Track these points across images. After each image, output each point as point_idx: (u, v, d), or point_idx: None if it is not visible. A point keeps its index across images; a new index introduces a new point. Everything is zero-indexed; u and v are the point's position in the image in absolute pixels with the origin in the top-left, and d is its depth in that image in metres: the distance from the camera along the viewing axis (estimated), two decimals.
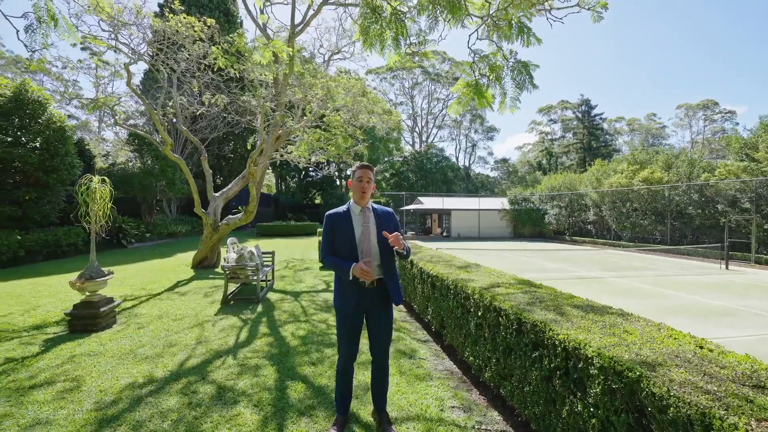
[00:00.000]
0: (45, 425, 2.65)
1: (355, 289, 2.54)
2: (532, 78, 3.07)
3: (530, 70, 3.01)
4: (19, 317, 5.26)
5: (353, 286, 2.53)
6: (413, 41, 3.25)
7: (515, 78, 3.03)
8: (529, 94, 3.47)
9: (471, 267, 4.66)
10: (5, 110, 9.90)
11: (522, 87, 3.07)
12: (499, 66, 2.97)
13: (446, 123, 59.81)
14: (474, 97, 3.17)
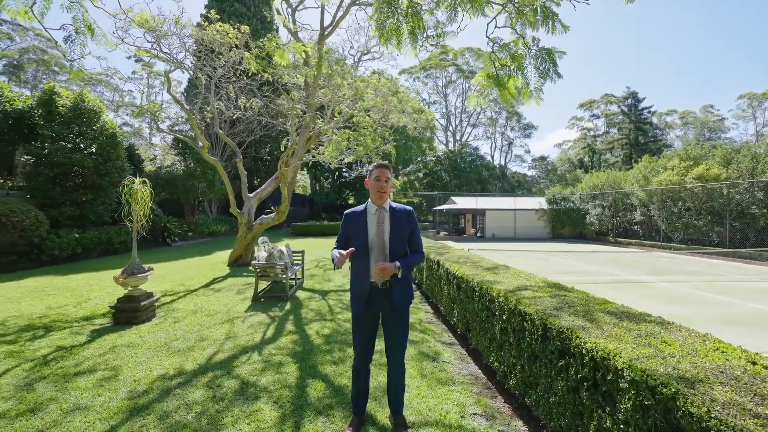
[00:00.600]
0: (83, 410, 2.83)
1: (365, 289, 2.50)
2: (557, 66, 2.85)
3: (555, 57, 2.80)
4: (72, 309, 5.70)
5: (363, 286, 2.50)
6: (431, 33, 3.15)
7: (538, 67, 2.83)
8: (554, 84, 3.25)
9: (499, 268, 4.48)
10: (66, 119, 10.83)
11: (546, 76, 2.86)
12: (521, 55, 2.78)
13: (481, 121, 58.49)
14: (495, 89, 3.01)
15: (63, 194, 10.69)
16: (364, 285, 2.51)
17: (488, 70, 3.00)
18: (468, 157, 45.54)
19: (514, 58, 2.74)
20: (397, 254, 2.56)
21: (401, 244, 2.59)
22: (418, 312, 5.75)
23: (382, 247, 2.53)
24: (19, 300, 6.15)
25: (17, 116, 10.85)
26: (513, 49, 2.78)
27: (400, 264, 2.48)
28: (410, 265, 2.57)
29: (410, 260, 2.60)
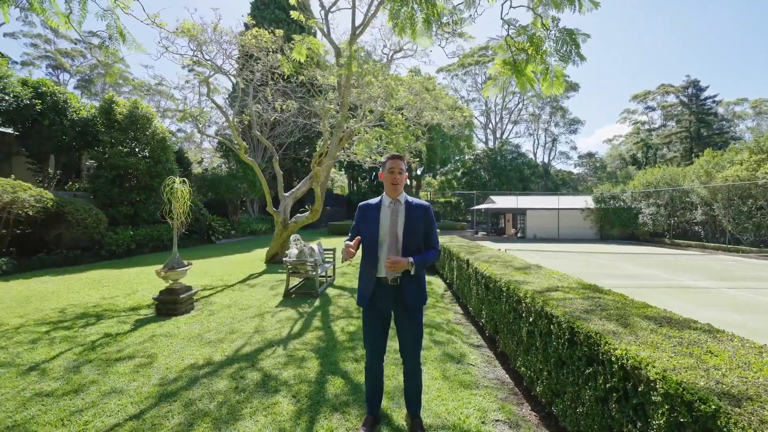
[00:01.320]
0: (118, 393, 3.01)
1: (371, 284, 2.42)
2: (579, 47, 2.56)
3: (577, 39, 2.52)
4: (121, 299, 6.15)
5: (369, 280, 2.42)
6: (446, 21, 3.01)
7: (559, 50, 2.58)
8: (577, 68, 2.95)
9: (531, 268, 4.23)
10: (123, 126, 11.78)
11: (567, 59, 2.59)
12: (540, 38, 2.56)
13: (523, 118, 56.36)
14: (512, 77, 2.80)
15: (120, 194, 11.64)
16: (370, 279, 2.43)
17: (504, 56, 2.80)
18: (508, 155, 44.04)
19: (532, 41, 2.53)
20: (410, 249, 2.46)
21: (415, 239, 2.49)
22: (446, 312, 5.60)
23: (394, 240, 2.44)
24: (79, 290, 6.74)
25: (83, 124, 11.97)
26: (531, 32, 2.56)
27: (414, 260, 2.38)
28: (424, 262, 2.47)
29: (425, 257, 2.49)
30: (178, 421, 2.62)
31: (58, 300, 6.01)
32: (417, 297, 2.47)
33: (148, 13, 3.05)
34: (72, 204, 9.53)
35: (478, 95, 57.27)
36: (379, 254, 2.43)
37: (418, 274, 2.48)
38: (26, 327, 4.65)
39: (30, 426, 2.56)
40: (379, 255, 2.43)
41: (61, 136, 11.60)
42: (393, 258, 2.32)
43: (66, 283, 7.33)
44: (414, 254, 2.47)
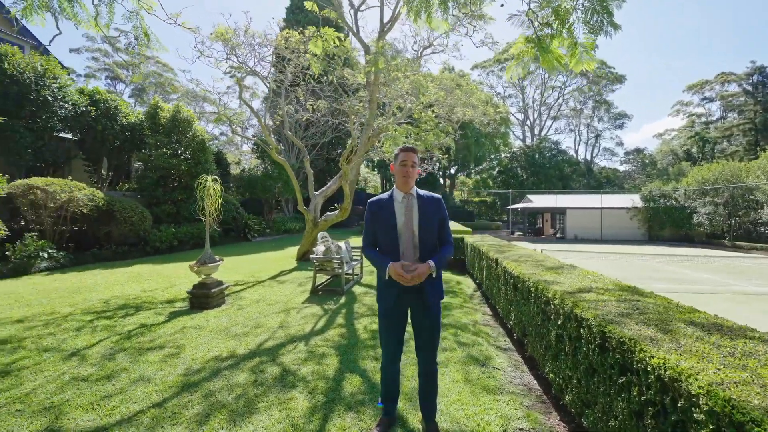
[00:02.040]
0: (145, 381, 3.13)
1: (393, 282, 2.32)
2: (611, 15, 2.27)
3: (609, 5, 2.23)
4: (160, 292, 6.48)
5: (392, 283, 2.32)
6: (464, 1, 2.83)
7: (588, 21, 2.31)
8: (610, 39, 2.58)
9: (563, 269, 3.95)
10: (167, 129, 12.49)
11: (597, 31, 2.30)
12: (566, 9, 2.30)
13: (563, 113, 53.92)
14: (537, 55, 2.56)
15: (164, 194, 12.35)
16: (393, 280, 2.32)
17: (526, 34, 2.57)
18: (547, 152, 42.23)
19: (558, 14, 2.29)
20: (427, 244, 2.37)
21: (431, 233, 2.39)
22: (474, 313, 5.39)
23: (411, 236, 2.34)
24: (123, 283, 7.18)
25: (131, 129, 12.83)
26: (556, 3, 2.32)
27: (434, 263, 2.28)
28: (443, 261, 2.38)
29: (443, 256, 2.39)
30: (196, 411, 2.67)
31: (104, 291, 6.43)
32: (435, 292, 2.39)
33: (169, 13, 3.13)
34: (120, 203, 10.21)
35: (516, 91, 55.48)
36: (398, 251, 2.33)
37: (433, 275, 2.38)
38: (74, 315, 5.00)
39: (64, 408, 2.71)
40: (398, 252, 2.34)
41: (113, 140, 12.49)
42: (413, 271, 2.19)
43: (113, 276, 7.84)
44: (430, 249, 2.39)
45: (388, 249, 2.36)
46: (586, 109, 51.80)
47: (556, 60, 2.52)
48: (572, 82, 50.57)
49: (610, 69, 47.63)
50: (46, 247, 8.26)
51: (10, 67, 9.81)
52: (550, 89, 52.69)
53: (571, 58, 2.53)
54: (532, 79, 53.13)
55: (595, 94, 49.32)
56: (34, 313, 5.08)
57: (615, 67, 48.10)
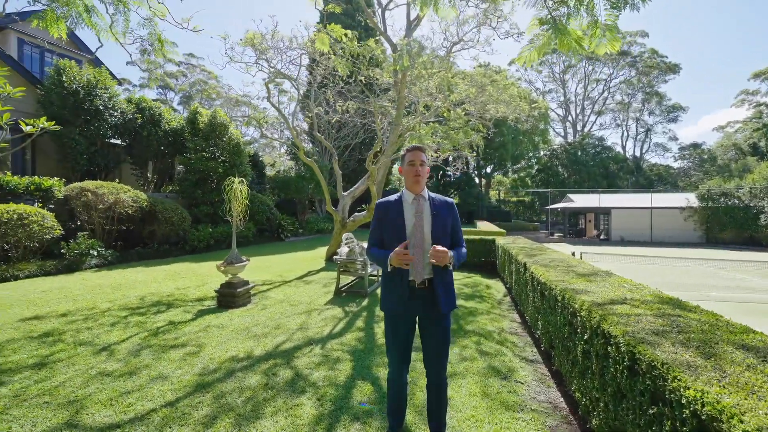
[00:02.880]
0: (162, 379, 3.20)
1: (401, 289, 2.18)
2: None
3: None
4: (192, 290, 6.73)
5: (398, 285, 2.18)
6: None
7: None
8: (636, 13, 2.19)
9: (597, 275, 3.61)
10: (205, 133, 13.08)
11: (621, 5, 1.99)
12: None
13: (608, 107, 50.79)
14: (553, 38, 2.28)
15: (202, 195, 12.94)
16: (400, 283, 2.18)
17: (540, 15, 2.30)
18: (591, 149, 39.96)
19: None
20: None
21: (443, 238, 2.23)
22: (501, 320, 5.11)
23: (421, 240, 2.19)
24: (160, 281, 7.55)
25: (174, 134, 13.58)
26: None
27: (452, 254, 2.14)
28: (460, 258, 2.25)
29: (460, 253, 2.26)
30: (204, 413, 2.68)
31: (141, 288, 6.78)
32: (448, 300, 2.24)
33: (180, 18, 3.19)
34: (162, 204, 10.80)
35: (556, 86, 53.07)
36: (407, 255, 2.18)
37: (446, 279, 2.25)
38: (111, 311, 5.29)
39: (86, 402, 2.81)
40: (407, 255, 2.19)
41: (157, 145, 13.27)
42: (439, 248, 2.04)
43: (152, 273, 8.28)
44: None
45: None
46: (634, 102, 48.48)
47: (575, 42, 2.24)
48: (619, 74, 47.54)
49: (662, 58, 44.23)
50: (95, 246, 8.89)
51: (68, 80, 10.68)
52: (594, 82, 49.86)
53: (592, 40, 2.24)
54: (574, 72, 50.56)
55: (645, 85, 45.98)
56: (77, 307, 5.43)
57: (668, 55, 44.68)
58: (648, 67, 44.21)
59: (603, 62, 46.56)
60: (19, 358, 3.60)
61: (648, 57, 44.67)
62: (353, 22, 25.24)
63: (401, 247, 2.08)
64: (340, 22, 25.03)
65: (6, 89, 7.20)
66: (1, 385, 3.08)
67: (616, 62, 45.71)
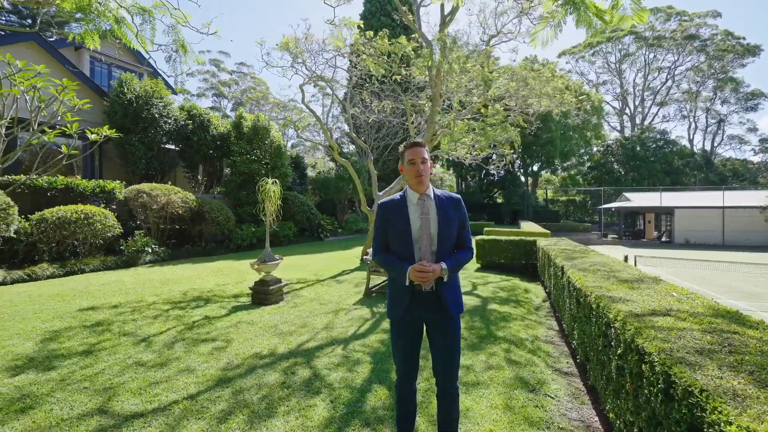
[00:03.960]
0: (189, 372, 3.33)
1: (407, 293, 2.06)
2: None
3: None
4: (230, 287, 7.04)
5: (404, 289, 2.06)
6: None
7: None
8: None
9: (642, 282, 3.24)
10: (249, 137, 13.72)
11: None
12: None
13: (673, 97, 46.43)
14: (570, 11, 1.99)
15: (246, 196, 13.57)
16: (403, 289, 2.06)
17: None
18: (651, 143, 36.74)
19: None
20: (445, 251, 2.10)
21: (450, 238, 2.11)
22: (537, 327, 4.78)
23: (428, 242, 2.07)
24: (204, 277, 7.99)
25: (221, 138, 14.39)
26: None
27: (447, 264, 2.01)
28: (458, 265, 2.09)
29: (459, 259, 2.11)
30: (221, 408, 2.74)
31: (186, 284, 7.20)
32: (455, 304, 2.10)
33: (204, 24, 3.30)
34: (209, 204, 11.47)
35: (611, 77, 49.53)
36: (412, 258, 2.09)
37: (453, 282, 2.11)
38: (156, 304, 5.65)
39: (118, 391, 3.00)
40: (414, 259, 2.09)
41: (206, 149, 14.13)
42: (421, 266, 1.96)
43: (198, 270, 8.79)
44: (448, 256, 2.09)
45: (402, 256, 2.11)
46: (704, 90, 43.90)
47: (596, 16, 1.96)
48: (685, 60, 43.26)
49: (738, 40, 39.56)
50: (150, 243, 9.62)
51: (128, 92, 11.68)
52: (655, 71, 45.81)
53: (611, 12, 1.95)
54: (632, 61, 46.84)
55: (717, 71, 41.38)
56: (128, 300, 5.88)
57: (745, 36, 39.86)
58: (721, 51, 39.79)
59: (666, 48, 42.66)
60: (71, 345, 3.94)
61: (720, 40, 40.20)
62: (393, 22, 25.30)
63: (420, 265, 1.97)
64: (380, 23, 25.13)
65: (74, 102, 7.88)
66: (52, 369, 3.37)
67: (681, 47, 41.66)
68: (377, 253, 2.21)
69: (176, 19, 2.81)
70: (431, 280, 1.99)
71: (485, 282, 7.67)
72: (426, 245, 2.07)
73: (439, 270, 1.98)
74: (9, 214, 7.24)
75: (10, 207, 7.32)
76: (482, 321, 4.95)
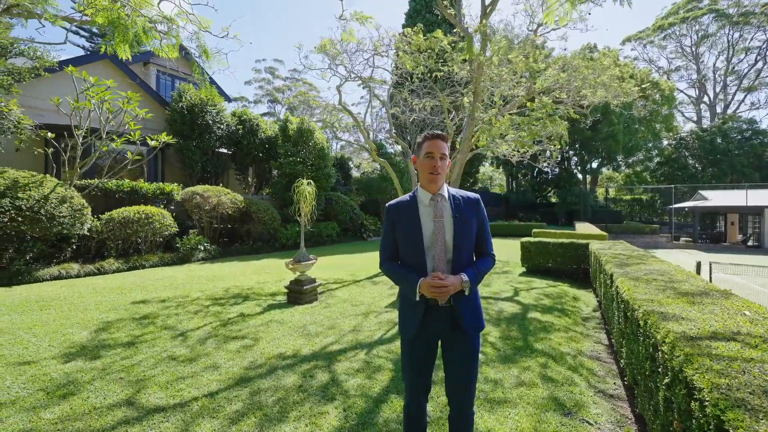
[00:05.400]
0: (213, 369, 3.42)
1: (420, 307, 1.85)
2: None
3: None
4: (270, 285, 7.25)
5: (416, 304, 1.85)
6: None
7: None
8: None
9: (707, 295, 2.75)
10: (294, 139, 14.18)
11: None
12: None
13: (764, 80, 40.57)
14: None
15: (291, 196, 13.98)
16: (416, 302, 1.85)
17: None
18: (735, 134, 32.47)
19: None
20: (463, 259, 1.86)
21: (468, 244, 1.88)
22: (582, 340, 4.32)
23: (443, 250, 1.84)
24: (248, 275, 8.33)
25: (268, 141, 15.04)
26: None
27: (468, 276, 1.78)
28: (480, 276, 1.86)
29: (480, 269, 1.87)
30: (235, 408, 2.75)
31: (229, 281, 7.55)
32: (474, 319, 1.87)
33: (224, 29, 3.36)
34: (256, 205, 12.01)
35: (686, 62, 44.56)
36: (425, 268, 1.86)
37: (472, 296, 1.86)
38: (199, 300, 5.97)
39: (148, 383, 3.14)
40: (426, 270, 1.86)
41: (255, 152, 14.84)
42: (437, 280, 1.73)
43: (243, 267, 9.20)
44: (466, 265, 1.86)
45: (413, 266, 1.88)
46: None
47: None
48: None
49: None
50: (202, 242, 10.27)
51: (186, 101, 12.60)
52: (741, 52, 40.39)
53: None
54: (712, 43, 41.72)
55: None
56: (175, 294, 6.27)
57: None
58: None
59: (755, 26, 37.43)
60: (118, 336, 4.25)
61: None
62: (437, 18, 24.83)
63: (434, 278, 1.76)
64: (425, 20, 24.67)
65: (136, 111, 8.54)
66: (98, 358, 3.64)
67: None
68: (384, 262, 2.00)
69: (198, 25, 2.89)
70: (448, 296, 1.77)
71: (529, 287, 7.16)
72: (440, 253, 1.84)
73: (459, 283, 1.75)
74: (83, 214, 8.09)
75: (84, 208, 8.18)
76: (520, 331, 4.58)
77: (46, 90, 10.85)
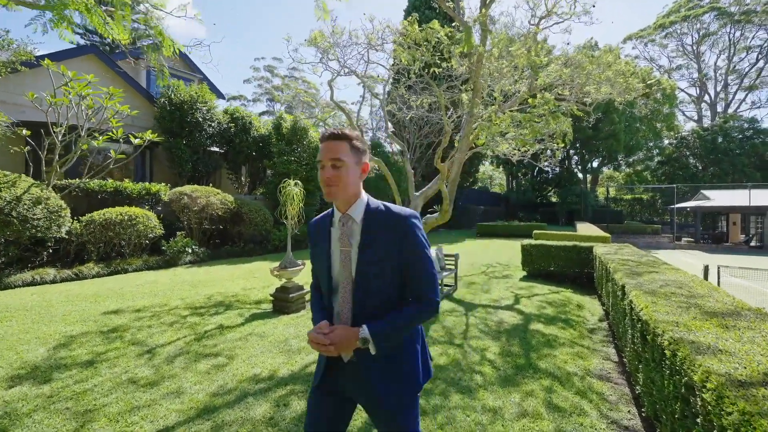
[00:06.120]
0: (175, 395, 3.02)
1: (321, 357, 1.45)
2: None
3: None
4: (256, 292, 6.86)
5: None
6: None
7: None
8: None
9: (740, 316, 2.36)
10: (288, 138, 13.76)
11: None
12: None
13: (765, 79, 40.21)
14: None
15: None
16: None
17: None
18: (736, 133, 32.14)
19: None
20: (368, 304, 1.36)
21: (378, 284, 1.35)
22: (590, 356, 3.93)
23: (349, 286, 1.37)
24: (234, 279, 7.94)
25: (261, 140, 14.62)
26: None
27: (370, 331, 1.27)
28: (397, 331, 1.33)
29: (398, 323, 1.32)
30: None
31: (214, 287, 7.14)
32: (391, 389, 1.35)
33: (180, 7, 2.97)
34: (247, 205, 11.60)
35: (687, 61, 44.23)
36: (332, 306, 1.43)
37: (391, 351, 1.37)
38: (177, 309, 5.57)
39: (96, 415, 2.74)
40: (332, 310, 1.43)
41: (248, 151, 14.43)
42: (317, 337, 1.28)
43: (231, 271, 8.80)
44: (378, 308, 1.35)
45: (326, 302, 1.47)
46: None
47: None
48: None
49: None
50: (190, 244, 9.86)
51: (175, 97, 12.19)
52: (743, 51, 40.04)
53: None
54: (713, 41, 41.35)
55: None
56: (153, 303, 5.87)
57: None
58: None
59: (757, 24, 37.06)
60: (78, 353, 3.84)
61: None
62: (438, 15, 24.43)
63: (320, 328, 1.32)
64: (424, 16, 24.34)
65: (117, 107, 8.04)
66: (47, 381, 3.24)
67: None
68: (312, 288, 1.61)
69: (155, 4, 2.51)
70: (334, 354, 1.29)
71: (530, 294, 6.78)
72: (346, 293, 1.38)
73: (351, 340, 1.27)
74: (60, 216, 7.68)
75: (62, 209, 7.77)
76: (521, 345, 4.19)
77: (30, 85, 10.42)
